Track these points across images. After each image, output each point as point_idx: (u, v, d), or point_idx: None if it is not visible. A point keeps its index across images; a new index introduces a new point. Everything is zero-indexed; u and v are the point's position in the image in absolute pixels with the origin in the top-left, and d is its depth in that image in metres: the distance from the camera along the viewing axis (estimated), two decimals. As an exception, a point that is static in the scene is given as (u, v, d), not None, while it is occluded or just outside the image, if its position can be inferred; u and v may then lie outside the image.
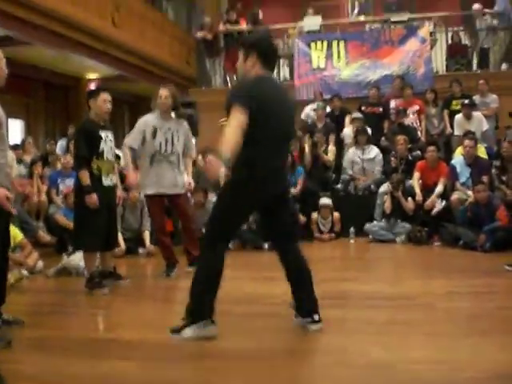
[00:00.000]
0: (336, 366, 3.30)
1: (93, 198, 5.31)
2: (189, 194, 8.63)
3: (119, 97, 14.00)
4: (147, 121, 6.24)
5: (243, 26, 12.79)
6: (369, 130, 9.93)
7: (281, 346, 3.69)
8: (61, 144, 11.31)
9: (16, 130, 12.33)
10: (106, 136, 5.54)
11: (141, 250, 7.91)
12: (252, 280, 5.92)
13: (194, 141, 6.93)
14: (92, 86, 13.51)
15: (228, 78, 13.30)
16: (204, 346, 3.68)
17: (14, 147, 9.57)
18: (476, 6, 12.17)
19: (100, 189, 5.42)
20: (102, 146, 5.48)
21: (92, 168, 5.41)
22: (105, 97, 5.58)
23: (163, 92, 6.22)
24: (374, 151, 9.49)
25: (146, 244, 7.88)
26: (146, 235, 7.94)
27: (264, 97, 3.73)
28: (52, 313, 4.81)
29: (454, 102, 10.20)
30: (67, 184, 8.76)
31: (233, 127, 3.55)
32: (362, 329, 4.00)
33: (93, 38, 10.45)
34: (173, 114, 6.38)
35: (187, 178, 6.39)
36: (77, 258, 6.45)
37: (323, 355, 3.51)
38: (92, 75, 13.99)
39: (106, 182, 5.53)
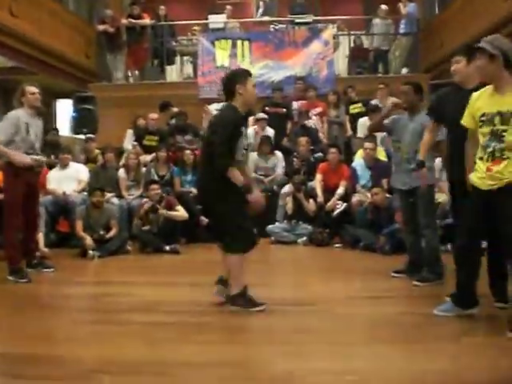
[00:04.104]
0: (235, 380, 3.20)
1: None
2: (84, 194, 8.36)
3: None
4: (19, 117, 6.04)
5: (146, 20, 12.51)
6: (271, 131, 9.94)
7: (177, 358, 3.53)
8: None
9: None
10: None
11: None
12: (152, 285, 5.73)
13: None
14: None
15: (130, 74, 12.99)
16: (103, 359, 3.50)
17: None
18: (383, 7, 12.51)
19: None
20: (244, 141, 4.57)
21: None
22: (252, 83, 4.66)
23: (34, 89, 6.14)
24: (276, 159, 9.47)
25: (40, 246, 7.15)
26: (40, 237, 7.24)
27: None
28: None
29: (352, 107, 10.40)
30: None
31: None
32: (266, 338, 3.93)
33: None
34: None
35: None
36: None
37: (222, 368, 3.35)
38: (-15, 65, 13.29)
39: None
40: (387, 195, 7.76)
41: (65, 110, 15.02)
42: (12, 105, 6.27)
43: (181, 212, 8.00)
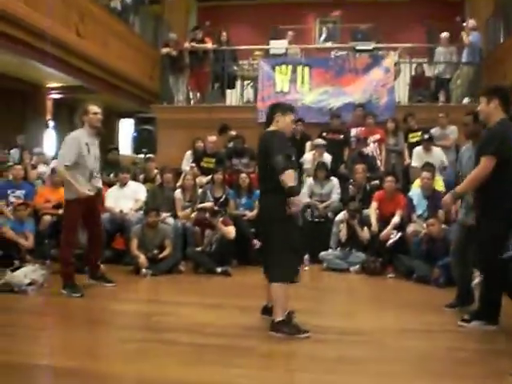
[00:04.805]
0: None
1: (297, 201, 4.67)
2: (141, 213, 8.48)
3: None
4: (79, 138, 6.20)
5: (209, 45, 12.71)
6: (329, 157, 9.91)
7: (218, 381, 3.56)
8: (14, 153, 11.02)
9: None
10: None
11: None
12: (201, 307, 5.75)
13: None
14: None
15: (191, 96, 13.20)
16: (144, 378, 3.53)
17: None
18: (444, 35, 12.37)
19: None
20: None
21: None
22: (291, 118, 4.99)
23: (96, 109, 6.31)
24: (331, 185, 9.36)
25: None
26: None
27: None
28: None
29: (411, 135, 10.28)
30: (18, 195, 8.55)
31: None
32: (310, 366, 3.88)
33: (55, 46, 10.22)
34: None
35: None
36: (21, 275, 6.22)
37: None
38: (52, 84, 13.73)
39: None
40: (443, 226, 7.61)
41: (127, 129, 15.38)
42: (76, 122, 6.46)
43: (232, 230, 8.06)
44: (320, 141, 10.06)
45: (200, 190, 9.19)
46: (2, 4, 8.68)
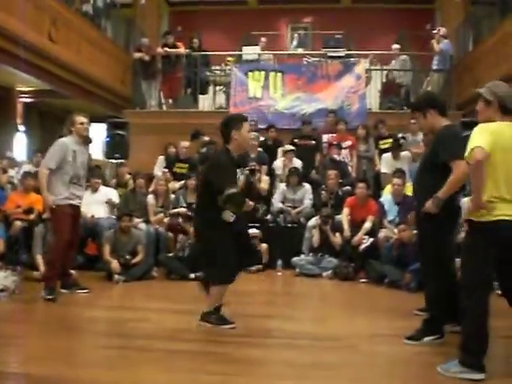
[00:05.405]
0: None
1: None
2: (113, 217, 8.47)
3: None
4: (67, 144, 6.33)
5: (181, 50, 12.72)
6: (299, 162, 9.96)
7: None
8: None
9: None
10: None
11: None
12: (174, 313, 5.75)
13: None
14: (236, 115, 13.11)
15: (163, 101, 13.18)
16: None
17: None
18: (394, 46, 12.68)
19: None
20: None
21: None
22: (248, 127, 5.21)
23: (84, 119, 6.47)
24: (304, 191, 9.44)
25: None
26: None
27: None
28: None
29: (381, 142, 10.38)
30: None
31: None
32: (284, 372, 3.91)
33: (27, 50, 10.13)
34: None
35: None
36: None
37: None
38: (23, 87, 13.59)
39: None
40: (414, 231, 7.70)
41: (97, 134, 15.26)
42: (46, 126, 6.50)
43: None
44: (289, 146, 10.14)
45: (173, 196, 9.19)
46: (-27, 7, 8.60)
